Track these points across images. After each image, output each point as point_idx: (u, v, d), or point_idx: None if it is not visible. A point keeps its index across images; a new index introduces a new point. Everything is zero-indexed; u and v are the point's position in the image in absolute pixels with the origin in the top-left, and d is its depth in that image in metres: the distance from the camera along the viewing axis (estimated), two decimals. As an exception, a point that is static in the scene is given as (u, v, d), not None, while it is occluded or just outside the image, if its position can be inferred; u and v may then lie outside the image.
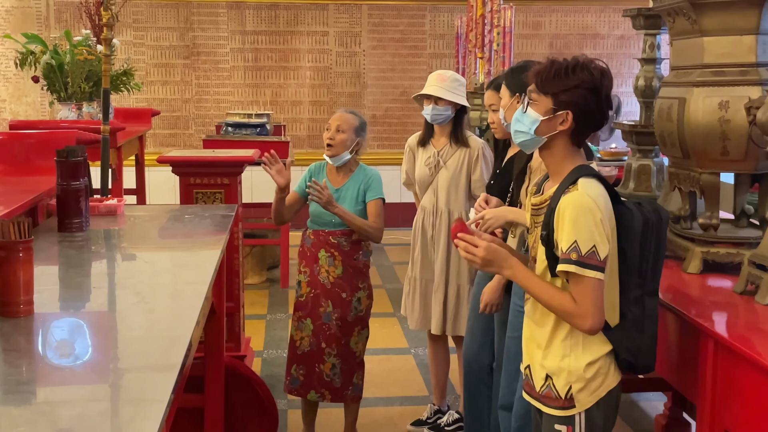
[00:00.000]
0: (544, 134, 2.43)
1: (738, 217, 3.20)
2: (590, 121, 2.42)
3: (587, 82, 2.37)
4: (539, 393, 2.50)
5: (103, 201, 4.01)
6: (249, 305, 6.59)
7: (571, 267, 2.29)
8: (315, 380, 3.98)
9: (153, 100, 8.89)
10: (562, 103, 2.39)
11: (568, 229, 2.31)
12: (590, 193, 2.32)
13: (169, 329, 2.39)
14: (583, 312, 2.31)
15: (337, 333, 3.97)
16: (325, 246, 4.00)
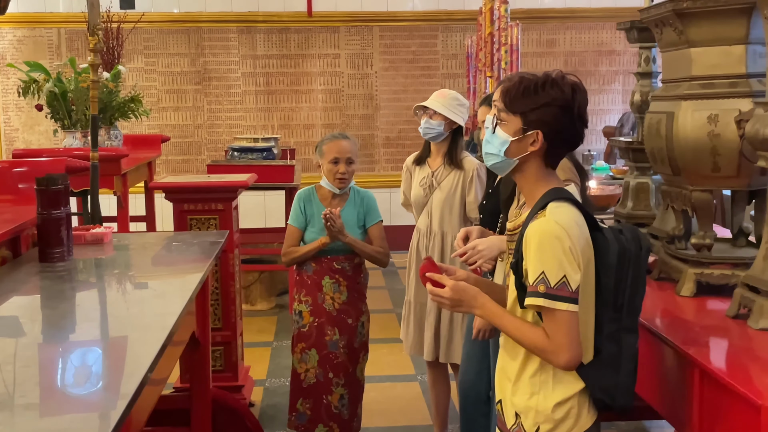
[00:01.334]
0: (514, 156, 2.29)
1: (736, 236, 3.04)
2: (563, 141, 2.29)
3: (558, 100, 2.23)
4: (509, 430, 2.35)
5: (90, 230, 3.92)
6: (256, 332, 6.50)
7: (540, 300, 2.15)
8: (323, 413, 3.85)
9: (165, 127, 8.87)
10: (531, 122, 2.26)
11: (534, 259, 2.16)
12: (559, 220, 2.18)
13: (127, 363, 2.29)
14: (556, 347, 2.16)
15: (345, 361, 3.86)
16: (329, 272, 3.88)
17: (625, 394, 2.29)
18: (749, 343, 2.44)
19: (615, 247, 2.25)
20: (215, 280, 4.66)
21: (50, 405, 1.96)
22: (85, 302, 2.94)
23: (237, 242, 4.82)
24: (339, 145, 3.88)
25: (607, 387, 2.26)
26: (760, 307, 2.47)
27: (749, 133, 2.51)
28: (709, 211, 2.86)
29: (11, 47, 8.77)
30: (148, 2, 8.80)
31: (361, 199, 3.96)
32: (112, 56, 7.51)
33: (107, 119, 6.72)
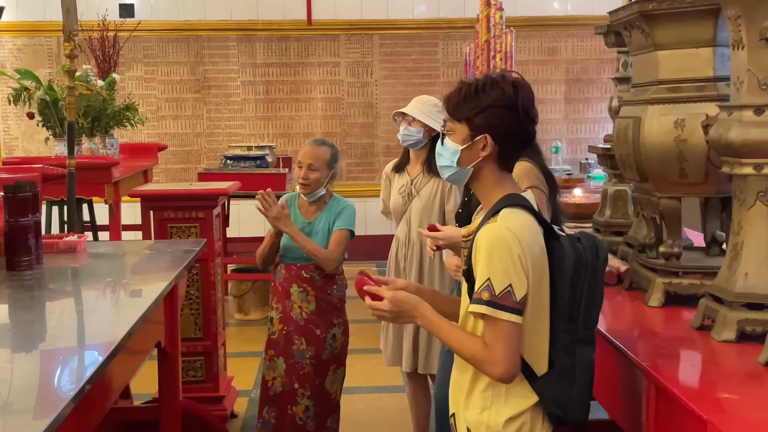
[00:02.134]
0: (468, 164, 2.22)
1: (709, 245, 2.95)
2: (513, 141, 2.21)
3: (500, 100, 2.16)
4: None
5: (63, 238, 3.87)
6: (248, 342, 6.44)
7: (483, 308, 2.07)
8: (287, 424, 3.77)
9: (164, 135, 8.84)
10: (478, 127, 2.19)
11: (482, 265, 2.09)
12: (510, 225, 2.10)
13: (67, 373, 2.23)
14: (493, 358, 2.08)
15: (311, 372, 3.78)
16: (297, 281, 3.81)
17: (579, 407, 2.20)
18: (711, 355, 2.35)
19: (571, 256, 2.17)
20: (196, 289, 4.61)
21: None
22: (39, 311, 2.88)
23: (219, 251, 4.76)
24: (305, 150, 3.84)
25: (560, 400, 2.17)
26: (723, 318, 2.38)
27: (712, 137, 2.43)
28: (677, 219, 2.77)
29: (11, 56, 8.78)
30: (147, 10, 8.79)
31: (337, 206, 3.88)
32: (108, 64, 7.49)
33: (102, 127, 6.70)
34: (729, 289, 2.39)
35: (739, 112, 2.35)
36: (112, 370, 2.48)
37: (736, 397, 1.99)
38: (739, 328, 2.35)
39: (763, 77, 2.31)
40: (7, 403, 1.97)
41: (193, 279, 4.58)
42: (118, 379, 2.71)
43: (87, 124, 6.46)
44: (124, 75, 8.68)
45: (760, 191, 2.34)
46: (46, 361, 2.36)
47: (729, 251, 2.46)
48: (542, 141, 8.95)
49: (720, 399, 1.99)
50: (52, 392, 2.09)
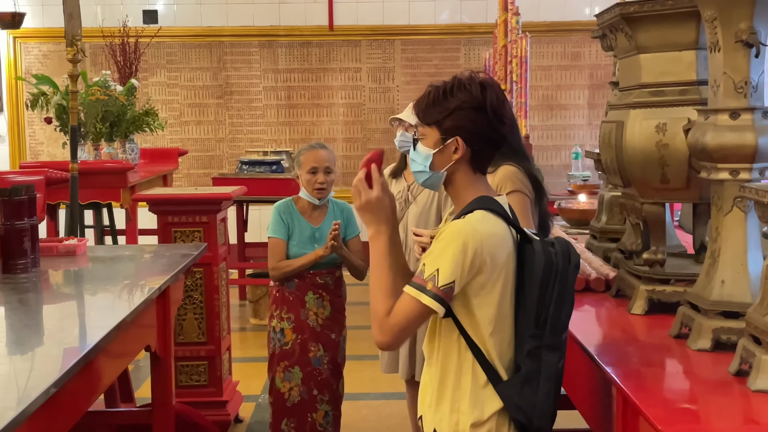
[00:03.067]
0: (441, 168, 2.19)
1: (698, 252, 2.89)
2: (485, 143, 2.18)
3: (468, 101, 2.14)
4: None
5: (63, 241, 3.90)
6: (262, 347, 6.38)
7: (422, 297, 2.04)
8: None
9: (187, 140, 8.90)
10: (448, 130, 2.16)
11: (437, 254, 2.06)
12: (477, 227, 2.07)
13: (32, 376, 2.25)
14: (386, 326, 2.08)
15: (328, 377, 3.77)
16: (312, 288, 3.79)
17: (543, 415, 2.16)
18: (684, 364, 2.30)
19: (541, 260, 2.13)
20: (199, 293, 4.62)
21: None
22: (24, 314, 2.90)
23: (224, 255, 4.77)
24: (316, 154, 3.79)
25: (523, 407, 2.13)
26: (698, 326, 2.33)
27: (689, 142, 2.38)
28: (661, 225, 2.72)
29: (36, 62, 8.90)
30: (170, 17, 8.86)
31: (340, 211, 3.87)
32: (129, 70, 7.57)
33: (121, 132, 6.75)
34: (705, 296, 2.34)
35: (714, 116, 2.30)
36: (86, 372, 2.48)
37: (696, 408, 1.94)
38: (714, 336, 2.30)
39: (739, 80, 2.26)
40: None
41: (196, 283, 4.59)
42: (95, 382, 2.71)
43: (105, 129, 6.51)
44: (148, 80, 8.76)
45: (737, 197, 2.29)
46: (19, 363, 2.37)
47: (707, 258, 2.41)
48: (563, 147, 8.94)
49: (681, 409, 1.95)
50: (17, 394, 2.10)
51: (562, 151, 8.93)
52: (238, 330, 6.87)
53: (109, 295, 3.19)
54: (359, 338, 4.23)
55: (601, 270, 3.14)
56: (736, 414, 1.94)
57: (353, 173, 8.78)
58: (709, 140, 2.27)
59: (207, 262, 4.55)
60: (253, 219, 7.86)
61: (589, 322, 2.80)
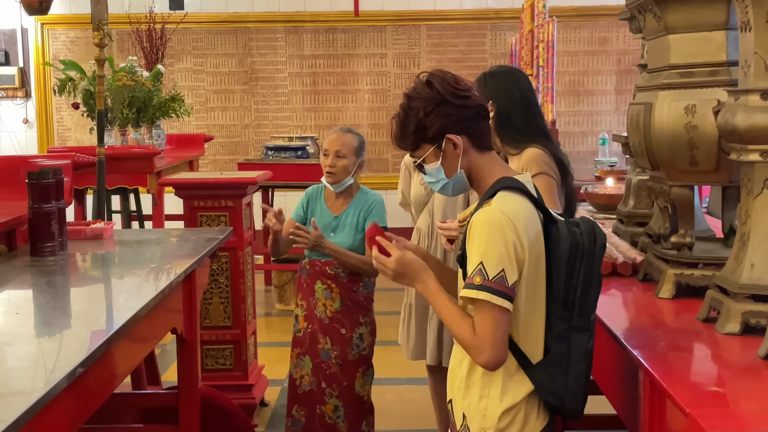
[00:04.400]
0: (455, 170, 2.20)
1: (727, 236, 2.85)
2: (470, 122, 2.18)
3: (427, 103, 2.15)
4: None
5: (90, 225, 3.92)
6: (286, 332, 6.41)
7: (473, 292, 2.03)
8: (317, 423, 3.69)
9: (213, 126, 8.93)
10: (434, 137, 2.18)
11: (475, 249, 2.05)
12: (504, 209, 2.06)
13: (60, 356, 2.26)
14: (480, 344, 2.04)
15: (337, 373, 3.68)
16: (321, 277, 3.71)
17: (574, 397, 2.15)
18: (712, 348, 2.27)
19: (567, 241, 2.12)
20: (225, 278, 4.63)
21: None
22: (48, 296, 2.92)
23: (249, 240, 4.77)
24: (330, 137, 3.75)
25: (555, 389, 2.13)
26: (727, 310, 2.30)
27: (719, 123, 2.35)
28: (690, 208, 2.69)
29: (64, 48, 8.95)
30: (196, 3, 8.87)
31: (366, 202, 3.77)
32: (156, 56, 7.59)
33: (148, 118, 6.78)
34: (734, 280, 2.31)
35: (745, 96, 2.26)
36: (112, 354, 2.50)
37: (724, 391, 1.92)
38: (743, 320, 2.27)
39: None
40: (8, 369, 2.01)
41: (222, 267, 4.61)
42: (121, 364, 2.72)
43: (132, 114, 6.55)
44: (174, 67, 8.79)
45: (767, 179, 2.25)
46: (46, 344, 2.39)
47: (736, 241, 2.38)
48: (590, 133, 8.87)
49: (708, 392, 1.93)
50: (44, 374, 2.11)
51: (589, 137, 8.86)
52: (263, 315, 6.89)
53: (136, 279, 3.20)
54: (384, 324, 4.23)
55: (628, 254, 3.11)
56: (765, 397, 1.92)
57: (378, 159, 8.80)
58: (739, 121, 2.24)
59: (233, 246, 4.57)
60: (278, 204, 7.84)
61: (616, 306, 2.78)
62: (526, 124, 3.04)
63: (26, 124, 9.14)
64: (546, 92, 6.27)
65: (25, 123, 9.14)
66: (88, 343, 2.34)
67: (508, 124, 3.04)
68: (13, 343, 2.35)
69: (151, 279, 3.17)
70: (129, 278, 3.22)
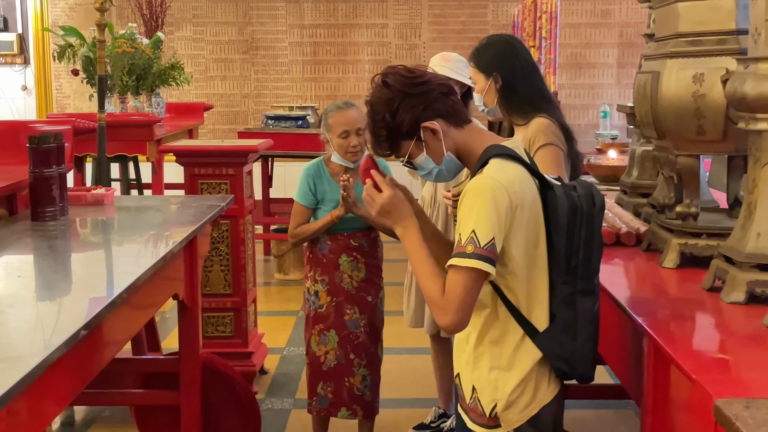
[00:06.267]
0: (441, 155, 2.17)
1: (732, 206, 2.84)
2: (439, 104, 2.15)
3: (392, 103, 2.12)
4: (467, 406, 2.23)
5: (91, 190, 3.90)
6: (285, 301, 6.48)
7: (464, 261, 1.99)
8: (345, 396, 3.67)
9: (212, 95, 8.89)
10: (409, 132, 2.14)
11: (467, 218, 2.02)
12: (497, 176, 2.04)
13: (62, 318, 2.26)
14: (446, 306, 2.01)
15: (366, 341, 3.67)
16: (346, 250, 3.68)
17: (584, 361, 2.16)
18: (717, 317, 2.27)
19: (565, 205, 2.10)
20: (225, 245, 4.62)
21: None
22: (50, 259, 2.91)
23: (250, 208, 4.76)
24: (346, 116, 3.63)
25: (564, 355, 2.12)
26: (732, 279, 2.30)
27: (728, 91, 2.33)
28: (696, 178, 2.68)
29: (63, 15, 8.89)
30: (197, -30, 8.81)
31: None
32: (156, 24, 7.54)
33: (148, 86, 6.75)
34: (740, 249, 2.30)
35: (755, 64, 2.25)
36: (113, 319, 2.49)
37: (731, 358, 1.92)
38: (748, 289, 2.26)
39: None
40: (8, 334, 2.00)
41: (223, 235, 4.60)
42: (122, 330, 2.72)
43: (132, 82, 6.51)
44: (173, 35, 8.73)
45: (775, 148, 2.24)
46: (47, 308, 2.38)
47: (743, 210, 2.37)
48: (591, 106, 8.84)
49: (714, 359, 1.93)
50: (44, 338, 2.11)
51: (590, 110, 8.84)
52: (262, 284, 6.90)
53: (137, 245, 3.19)
54: (384, 293, 4.27)
55: (631, 224, 3.11)
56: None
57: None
58: (748, 90, 2.22)
59: (233, 214, 4.56)
60: (278, 174, 7.86)
61: (619, 275, 2.78)
62: (530, 90, 3.01)
63: (25, 90, 9.09)
64: (548, 64, 6.23)
65: (24, 90, 9.09)
66: (89, 307, 2.33)
67: (512, 93, 3.01)
68: (15, 305, 2.35)
69: (152, 245, 3.15)
70: (130, 244, 3.20)
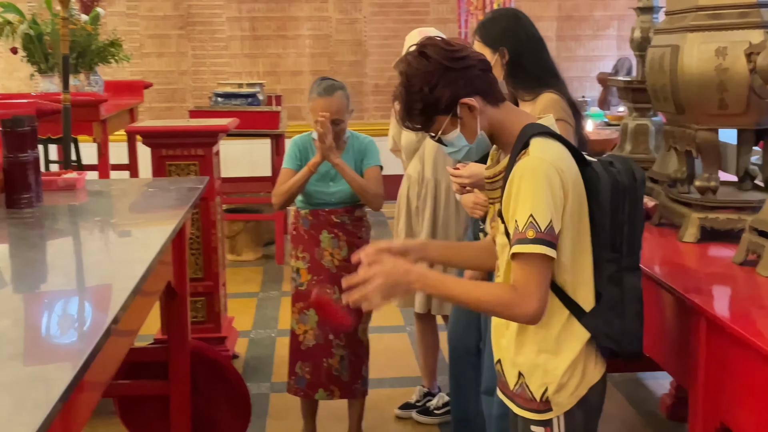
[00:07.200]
0: (475, 133, 2.10)
1: (741, 179, 2.87)
2: (479, 81, 2.08)
3: (431, 76, 2.05)
4: (512, 392, 2.19)
5: (62, 175, 3.72)
6: (242, 282, 6.35)
7: (528, 247, 1.94)
8: (323, 377, 3.61)
9: (148, 73, 8.61)
10: (447, 108, 2.07)
11: (523, 202, 1.97)
12: (544, 156, 1.99)
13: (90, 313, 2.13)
14: (526, 297, 1.95)
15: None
16: (327, 227, 3.60)
17: (633, 338, 2.13)
18: (758, 290, 2.28)
19: (607, 182, 2.07)
20: (196, 228, 4.49)
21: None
22: (51, 250, 2.76)
23: (219, 190, 4.63)
24: (321, 105, 3.50)
25: (612, 334, 2.09)
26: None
27: (761, 66, 2.32)
28: (716, 152, 2.68)
29: (-11, -10, 8.47)
30: (129, -57, 8.50)
31: (359, 145, 3.65)
32: (91, 0, 7.26)
33: (86, 64, 6.48)
34: (775, 222, 2.31)
35: (790, 37, 2.25)
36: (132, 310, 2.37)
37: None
38: (786, 262, 2.28)
39: (819, 1, 2.21)
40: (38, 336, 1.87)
41: (193, 218, 4.46)
42: (135, 320, 2.61)
43: (72, 60, 6.24)
44: (106, 10, 8.41)
45: (811, 121, 2.25)
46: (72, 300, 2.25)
47: (774, 184, 2.38)
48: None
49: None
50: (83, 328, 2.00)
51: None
52: (216, 267, 6.75)
53: (131, 230, 3.06)
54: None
55: (638, 199, 3.10)
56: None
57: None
58: (786, 63, 2.22)
59: (204, 196, 4.40)
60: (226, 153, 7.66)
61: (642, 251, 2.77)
62: (537, 64, 2.98)
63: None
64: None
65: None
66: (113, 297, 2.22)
67: (518, 68, 2.96)
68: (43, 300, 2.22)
69: (149, 231, 3.02)
70: (126, 230, 3.07)
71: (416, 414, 4.09)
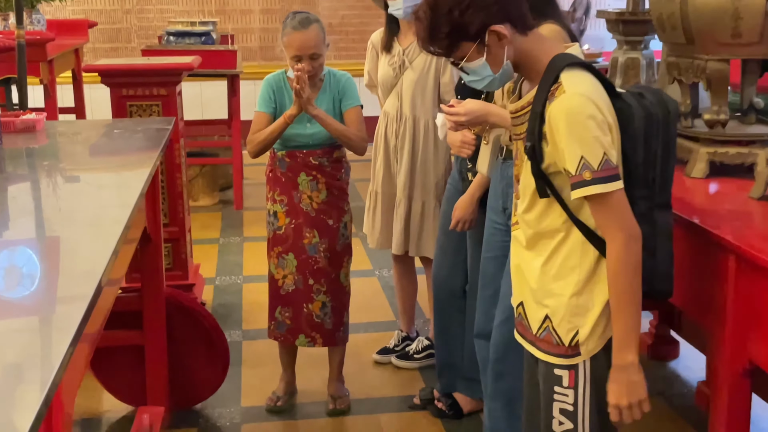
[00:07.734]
0: (501, 63, 1.96)
1: (745, 112, 2.78)
2: (510, 7, 1.95)
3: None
4: (536, 336, 2.09)
5: (20, 116, 3.49)
6: (200, 229, 6.15)
7: (586, 190, 1.85)
8: (303, 323, 3.48)
9: (91, 12, 8.24)
10: (476, 33, 1.93)
11: (569, 144, 1.85)
12: (581, 90, 1.87)
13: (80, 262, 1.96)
14: (612, 233, 1.90)
15: (326, 267, 3.46)
16: (305, 169, 3.43)
17: (663, 278, 2.04)
18: (781, 226, 2.21)
19: (640, 114, 1.96)
20: (161, 172, 4.28)
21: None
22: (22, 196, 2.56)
23: (182, 132, 4.43)
24: (300, 39, 3.30)
25: (644, 273, 1.97)
26: (790, 186, 2.23)
27: (785, -10, 2.22)
28: (725, 84, 2.59)
29: None
30: None
31: (337, 84, 3.46)
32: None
33: (29, 1, 6.15)
34: (797, 156, 2.23)
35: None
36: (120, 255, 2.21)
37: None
38: (809, 196, 2.21)
39: None
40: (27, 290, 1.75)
41: (157, 161, 4.25)
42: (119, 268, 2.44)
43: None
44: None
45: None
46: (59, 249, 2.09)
47: (794, 115, 2.30)
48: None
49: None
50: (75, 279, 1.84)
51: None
52: (172, 212, 6.54)
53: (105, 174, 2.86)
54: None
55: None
56: None
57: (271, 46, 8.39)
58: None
59: (168, 138, 4.22)
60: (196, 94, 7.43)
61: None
62: None
63: None
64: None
65: None
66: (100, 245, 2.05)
67: None
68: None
69: (127, 173, 2.83)
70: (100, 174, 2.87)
71: (395, 359, 4.00)
